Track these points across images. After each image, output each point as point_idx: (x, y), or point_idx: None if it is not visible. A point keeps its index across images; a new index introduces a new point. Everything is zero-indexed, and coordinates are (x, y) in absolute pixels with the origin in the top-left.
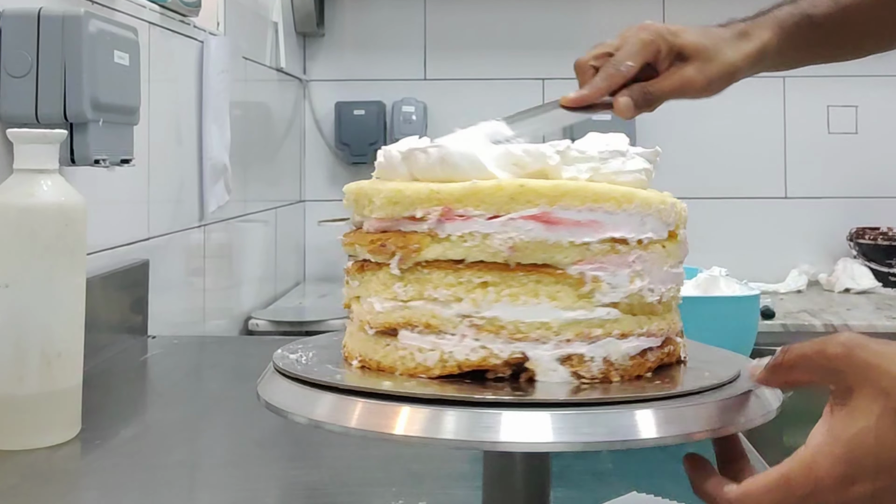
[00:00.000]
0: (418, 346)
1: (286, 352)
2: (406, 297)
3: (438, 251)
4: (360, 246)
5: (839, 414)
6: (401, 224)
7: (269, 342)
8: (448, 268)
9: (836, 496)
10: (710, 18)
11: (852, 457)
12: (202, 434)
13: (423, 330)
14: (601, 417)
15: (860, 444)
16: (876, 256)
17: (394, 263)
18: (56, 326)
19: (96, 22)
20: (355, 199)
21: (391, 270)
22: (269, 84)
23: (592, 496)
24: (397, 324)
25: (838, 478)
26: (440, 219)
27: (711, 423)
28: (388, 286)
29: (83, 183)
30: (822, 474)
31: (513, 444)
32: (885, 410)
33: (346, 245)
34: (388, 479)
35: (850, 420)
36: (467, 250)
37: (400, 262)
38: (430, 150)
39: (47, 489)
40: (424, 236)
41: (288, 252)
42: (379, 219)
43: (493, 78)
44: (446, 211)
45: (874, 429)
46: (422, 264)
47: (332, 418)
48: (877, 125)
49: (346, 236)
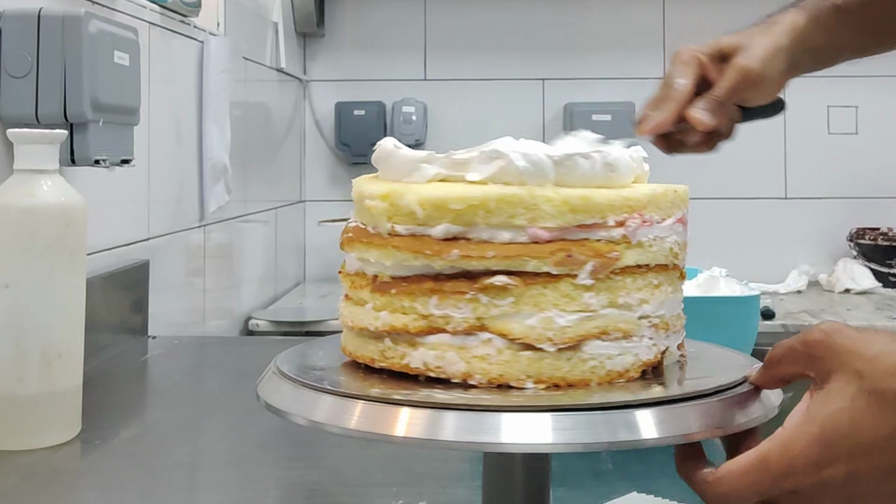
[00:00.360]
0: (608, 354)
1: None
2: (598, 307)
3: (634, 257)
4: (532, 258)
5: (817, 396)
6: (572, 232)
7: (269, 343)
8: (637, 273)
9: (810, 478)
10: (710, 18)
11: (827, 438)
12: (202, 434)
13: (617, 336)
14: (600, 418)
15: (835, 425)
16: (876, 257)
17: (584, 274)
18: (56, 327)
19: (96, 22)
20: (492, 208)
21: (580, 281)
22: (270, 84)
23: (592, 497)
24: (590, 335)
25: (813, 458)
26: (640, 225)
27: (712, 422)
28: (574, 298)
29: (83, 183)
30: (797, 454)
31: (512, 446)
32: (860, 391)
33: (476, 259)
34: (388, 479)
35: (826, 401)
36: (654, 255)
37: (594, 272)
38: (593, 154)
39: (47, 489)
40: (618, 244)
41: (288, 252)
42: (548, 228)
43: (494, 78)
44: (642, 216)
45: (848, 410)
46: (615, 272)
47: (332, 419)
48: (877, 125)
49: (448, 248)
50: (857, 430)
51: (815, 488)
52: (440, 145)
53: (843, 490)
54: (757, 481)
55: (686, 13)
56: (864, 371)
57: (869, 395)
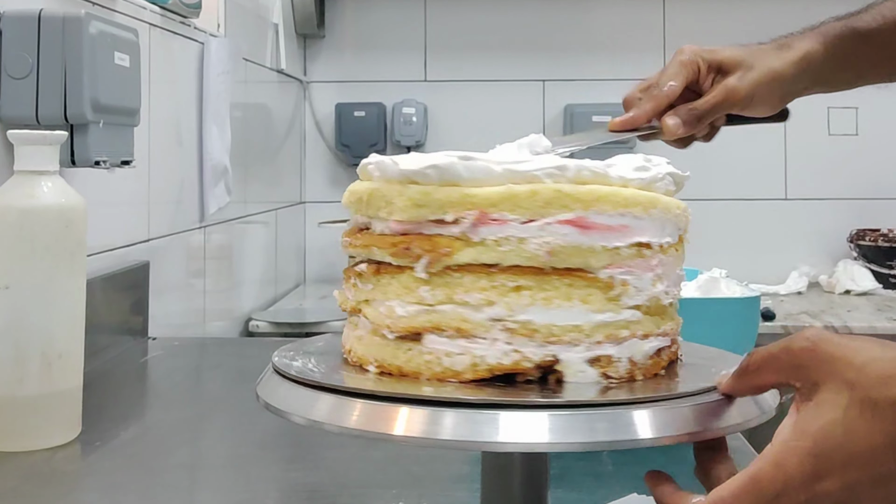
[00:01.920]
0: (446, 351)
1: (285, 359)
2: (433, 301)
3: (472, 255)
4: (379, 248)
5: (806, 409)
6: (424, 227)
7: (269, 344)
8: (480, 272)
9: (805, 493)
10: (709, 19)
11: (820, 450)
12: (202, 435)
13: (452, 334)
14: (598, 417)
15: (828, 437)
16: (876, 258)
17: (420, 267)
18: (56, 328)
19: (97, 23)
20: (367, 201)
21: (416, 274)
22: (270, 85)
23: (592, 498)
24: (423, 328)
25: (807, 473)
26: (475, 222)
27: (710, 423)
28: (412, 290)
29: (83, 184)
30: (790, 471)
31: (510, 445)
32: (852, 402)
33: (352, 246)
34: (388, 480)
35: (816, 414)
36: (503, 254)
37: (427, 266)
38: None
39: (47, 490)
40: (455, 240)
41: (288, 253)
42: (399, 221)
43: (494, 79)
44: (481, 215)
45: (842, 421)
46: (452, 268)
47: (331, 419)
48: (877, 127)
49: (352, 237)
50: (851, 441)
51: (810, 503)
52: (440, 146)
53: (839, 501)
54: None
55: (686, 14)
56: (855, 380)
57: (861, 404)
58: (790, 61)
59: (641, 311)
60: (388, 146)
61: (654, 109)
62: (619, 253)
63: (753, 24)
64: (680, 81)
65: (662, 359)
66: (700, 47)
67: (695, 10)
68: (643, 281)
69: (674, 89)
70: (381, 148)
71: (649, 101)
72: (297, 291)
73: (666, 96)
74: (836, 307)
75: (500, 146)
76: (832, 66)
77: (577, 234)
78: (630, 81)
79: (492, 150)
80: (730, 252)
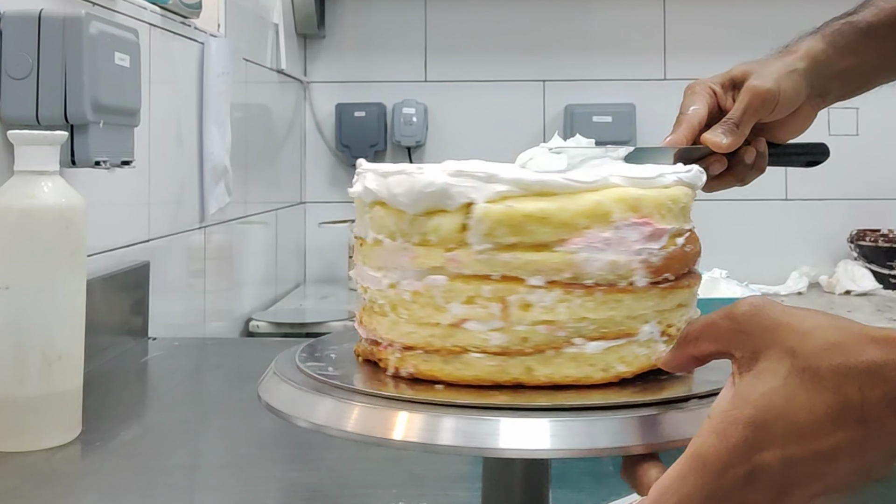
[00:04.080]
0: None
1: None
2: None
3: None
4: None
5: (744, 378)
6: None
7: (269, 344)
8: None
9: (746, 465)
10: (710, 19)
11: (762, 420)
12: (203, 436)
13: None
14: (599, 424)
15: (768, 406)
16: (877, 258)
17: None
18: (56, 328)
19: (97, 23)
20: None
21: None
22: (270, 86)
23: (593, 499)
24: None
25: (749, 443)
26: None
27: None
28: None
29: (84, 184)
30: (734, 441)
31: (511, 451)
32: (793, 370)
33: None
34: (388, 481)
35: (756, 382)
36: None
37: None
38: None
39: (47, 491)
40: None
41: (288, 254)
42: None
43: (494, 80)
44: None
45: (782, 388)
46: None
47: (331, 422)
48: (877, 127)
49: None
50: (792, 411)
51: (747, 476)
52: (440, 146)
53: (779, 477)
54: (699, 484)
55: (686, 14)
56: (798, 348)
57: (802, 373)
58: (797, 57)
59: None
60: (389, 146)
61: (687, 134)
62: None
63: (753, 25)
64: (701, 104)
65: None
66: (705, 79)
67: (695, 10)
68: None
69: (698, 112)
70: (382, 148)
71: (679, 127)
72: (297, 292)
73: (694, 118)
74: (836, 307)
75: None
76: (842, 61)
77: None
78: (631, 82)
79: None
80: (730, 252)
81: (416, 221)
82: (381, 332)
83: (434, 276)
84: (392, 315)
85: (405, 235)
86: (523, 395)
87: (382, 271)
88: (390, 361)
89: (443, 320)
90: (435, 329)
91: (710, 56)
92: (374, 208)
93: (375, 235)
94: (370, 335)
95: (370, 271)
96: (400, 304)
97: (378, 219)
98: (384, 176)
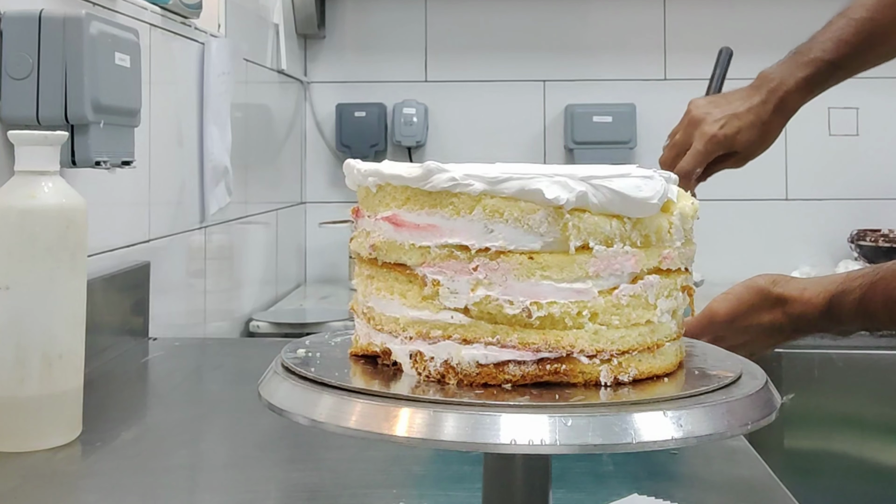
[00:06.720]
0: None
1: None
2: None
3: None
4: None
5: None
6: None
7: (270, 344)
8: (359, 262)
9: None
10: (710, 19)
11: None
12: (203, 436)
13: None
14: (601, 420)
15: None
16: (877, 258)
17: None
18: (57, 328)
19: (97, 24)
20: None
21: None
22: (270, 86)
23: (593, 498)
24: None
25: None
26: (353, 217)
27: (714, 426)
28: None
29: (84, 185)
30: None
31: (513, 447)
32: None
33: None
34: (389, 480)
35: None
36: (358, 246)
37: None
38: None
39: (48, 491)
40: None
41: (289, 254)
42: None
43: (494, 80)
44: (355, 209)
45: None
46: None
47: (332, 419)
48: (878, 127)
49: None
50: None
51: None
52: (441, 146)
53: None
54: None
55: (686, 14)
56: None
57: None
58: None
59: (470, 315)
60: (389, 146)
61: (673, 158)
62: (429, 252)
63: (753, 25)
64: (680, 129)
65: (508, 373)
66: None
67: (695, 10)
68: (458, 283)
69: (675, 132)
70: (382, 148)
71: (668, 150)
72: (297, 292)
73: (678, 143)
74: None
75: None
76: (803, 97)
77: (392, 230)
78: (631, 82)
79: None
80: (730, 252)
81: (639, 224)
82: (582, 344)
83: (651, 276)
84: (591, 325)
85: (625, 240)
86: (531, 396)
87: (591, 280)
88: (602, 372)
89: (653, 318)
90: (643, 328)
91: (710, 56)
92: (575, 215)
93: (578, 243)
94: (549, 352)
95: (562, 284)
96: (609, 310)
97: (590, 225)
98: (590, 181)
